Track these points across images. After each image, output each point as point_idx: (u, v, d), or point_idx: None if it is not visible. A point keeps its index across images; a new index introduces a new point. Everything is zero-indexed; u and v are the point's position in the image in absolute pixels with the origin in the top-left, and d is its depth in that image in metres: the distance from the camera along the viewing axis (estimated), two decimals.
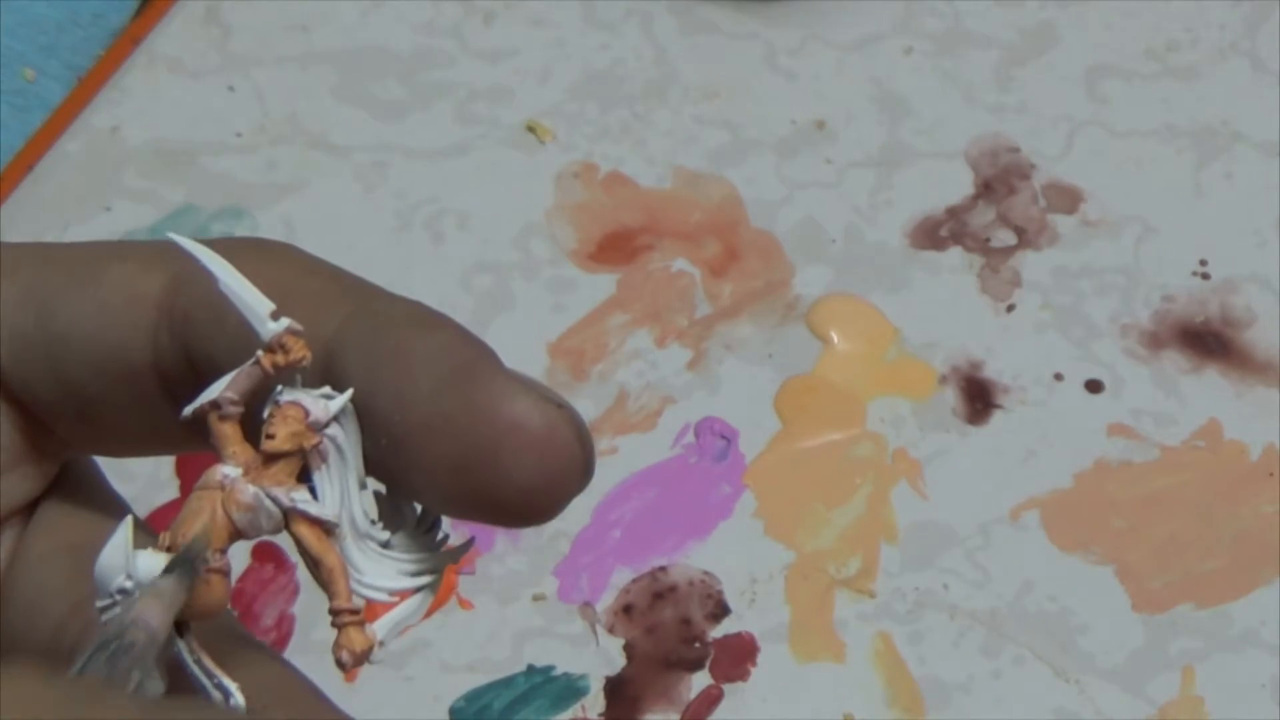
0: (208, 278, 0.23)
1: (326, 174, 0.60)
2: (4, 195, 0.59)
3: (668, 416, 0.56)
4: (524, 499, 0.23)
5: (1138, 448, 0.55)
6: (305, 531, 0.23)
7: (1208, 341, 0.57)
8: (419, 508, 0.24)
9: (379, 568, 0.23)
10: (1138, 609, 0.53)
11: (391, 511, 0.24)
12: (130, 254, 0.26)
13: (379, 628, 0.23)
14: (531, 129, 0.61)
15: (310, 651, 0.51)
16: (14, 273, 0.25)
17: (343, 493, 0.23)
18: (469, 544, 0.25)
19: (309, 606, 0.52)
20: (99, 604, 0.22)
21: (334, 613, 0.23)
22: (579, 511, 0.54)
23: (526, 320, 0.57)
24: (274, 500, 0.23)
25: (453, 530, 0.25)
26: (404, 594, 0.24)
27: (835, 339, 0.57)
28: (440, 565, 0.24)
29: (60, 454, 0.27)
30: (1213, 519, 0.54)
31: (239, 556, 0.52)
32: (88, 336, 0.25)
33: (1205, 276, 0.58)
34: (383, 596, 0.23)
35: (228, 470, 0.23)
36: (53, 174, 0.60)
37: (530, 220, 0.59)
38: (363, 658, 0.23)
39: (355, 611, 0.23)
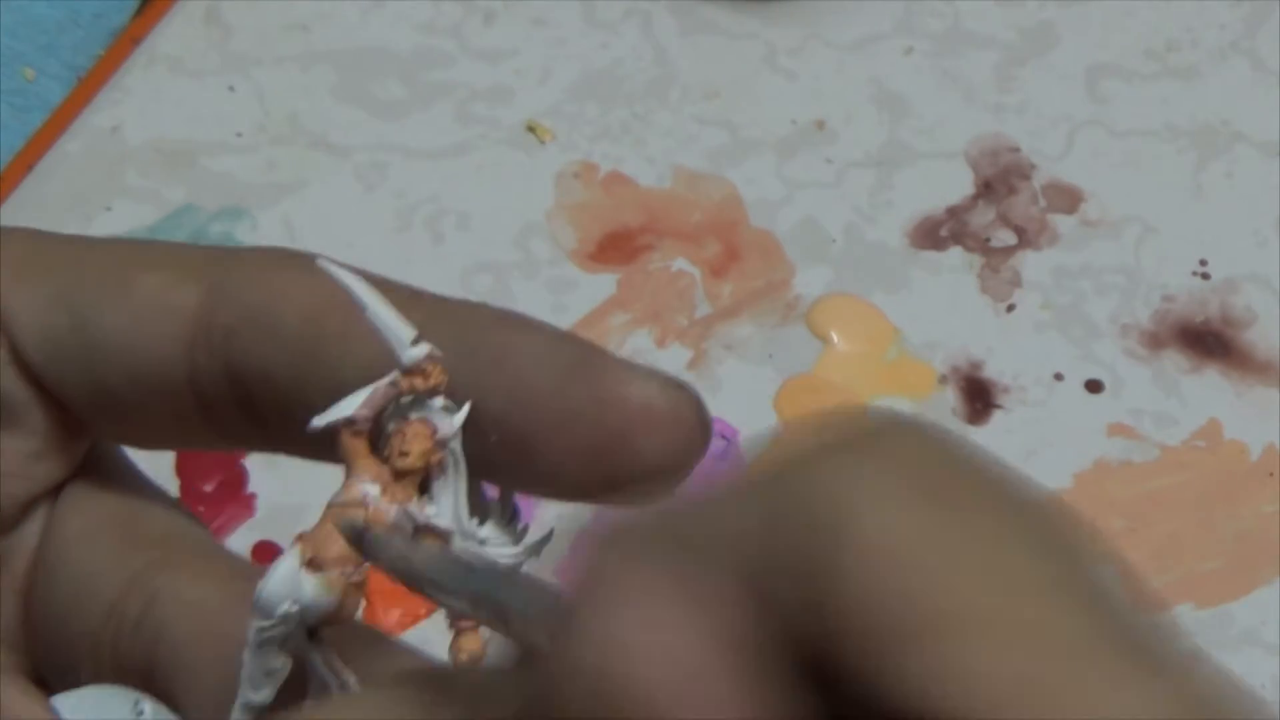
0: (351, 301, 0.24)
1: (326, 174, 0.60)
2: (4, 195, 0.59)
3: None
4: (656, 476, 0.24)
5: (1138, 448, 0.55)
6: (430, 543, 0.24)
7: (1208, 341, 0.57)
8: (495, 496, 0.25)
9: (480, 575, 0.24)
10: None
11: (476, 503, 0.24)
12: (163, 261, 0.26)
13: (483, 631, 0.24)
14: (531, 129, 0.61)
15: None
16: (47, 272, 0.26)
17: (456, 499, 0.24)
18: (549, 536, 0.26)
19: None
20: (260, 624, 0.23)
21: (453, 618, 0.24)
22: (579, 512, 0.54)
23: None
24: (411, 517, 0.24)
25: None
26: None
27: (835, 339, 0.57)
28: (528, 557, 0.25)
29: (89, 439, 0.27)
30: (1213, 519, 0.54)
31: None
32: (121, 347, 0.25)
33: (1205, 276, 0.58)
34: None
35: (367, 488, 0.23)
36: (53, 174, 0.60)
37: (530, 220, 0.59)
38: (479, 659, 0.24)
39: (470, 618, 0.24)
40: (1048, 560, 0.18)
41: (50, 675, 0.26)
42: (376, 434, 0.24)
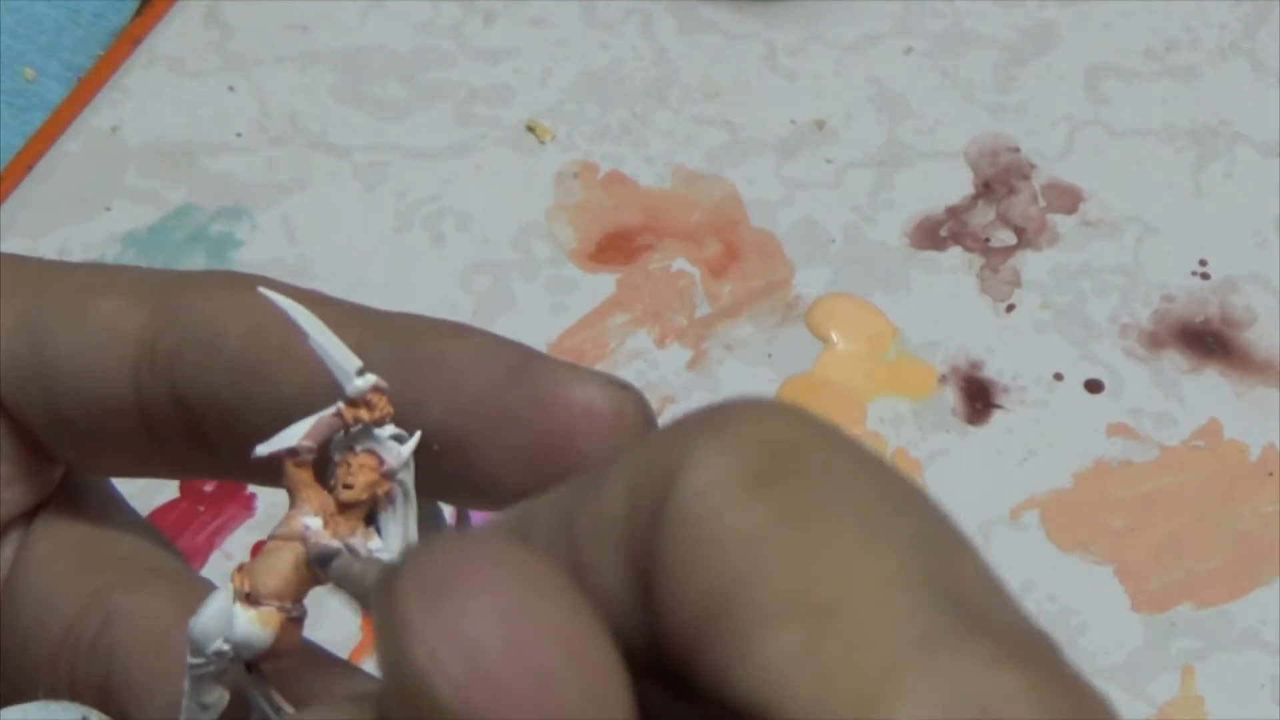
0: (296, 331, 0.23)
1: (326, 174, 0.60)
2: (4, 195, 0.59)
3: (668, 417, 0.56)
4: None
5: (1138, 448, 0.55)
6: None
7: (1207, 341, 0.57)
8: (449, 517, 0.25)
9: None
10: (1137, 609, 0.53)
11: (428, 531, 0.24)
12: (120, 285, 0.26)
13: None
14: (531, 129, 0.61)
15: None
16: (11, 296, 0.26)
17: (404, 529, 0.23)
18: None
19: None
20: (192, 662, 0.23)
21: None
22: None
23: (526, 320, 0.57)
24: (352, 551, 0.23)
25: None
26: None
27: (835, 339, 0.57)
28: None
29: (60, 466, 0.27)
30: (1212, 519, 0.54)
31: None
32: (75, 371, 0.25)
33: (1205, 276, 0.58)
34: None
35: (308, 521, 0.23)
36: (53, 174, 0.60)
37: (530, 220, 0.59)
38: None
39: None
40: (882, 545, 0.18)
41: (13, 699, 0.26)
42: (323, 463, 0.23)
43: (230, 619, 0.22)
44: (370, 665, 0.24)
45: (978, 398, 0.56)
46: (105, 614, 0.25)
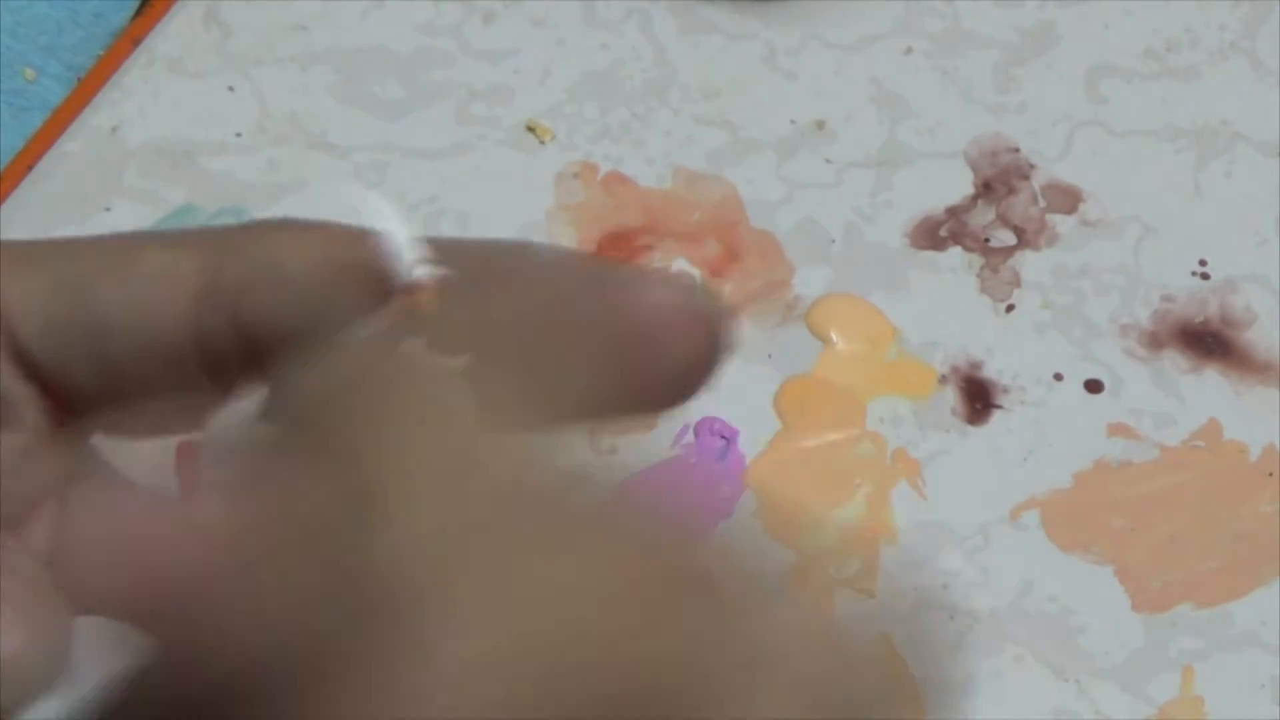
0: (368, 215, 0.25)
1: (326, 174, 0.60)
2: (4, 195, 0.59)
3: (667, 416, 0.56)
4: (682, 376, 0.25)
5: (1137, 448, 0.55)
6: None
7: (1207, 341, 0.57)
8: None
9: None
10: (1137, 609, 0.53)
11: None
12: (166, 239, 0.27)
13: None
14: (531, 129, 0.61)
15: None
16: (44, 262, 0.26)
17: None
18: None
19: None
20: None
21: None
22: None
23: None
24: None
25: None
26: None
27: (835, 339, 0.57)
28: None
29: (87, 434, 0.27)
30: (1212, 519, 0.54)
31: None
32: (127, 320, 0.26)
33: (1205, 276, 0.58)
34: None
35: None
36: (53, 174, 0.60)
37: (530, 220, 0.59)
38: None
39: None
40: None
41: None
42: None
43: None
44: None
45: (978, 398, 0.56)
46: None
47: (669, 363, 0.24)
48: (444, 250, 0.25)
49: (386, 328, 0.24)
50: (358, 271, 0.25)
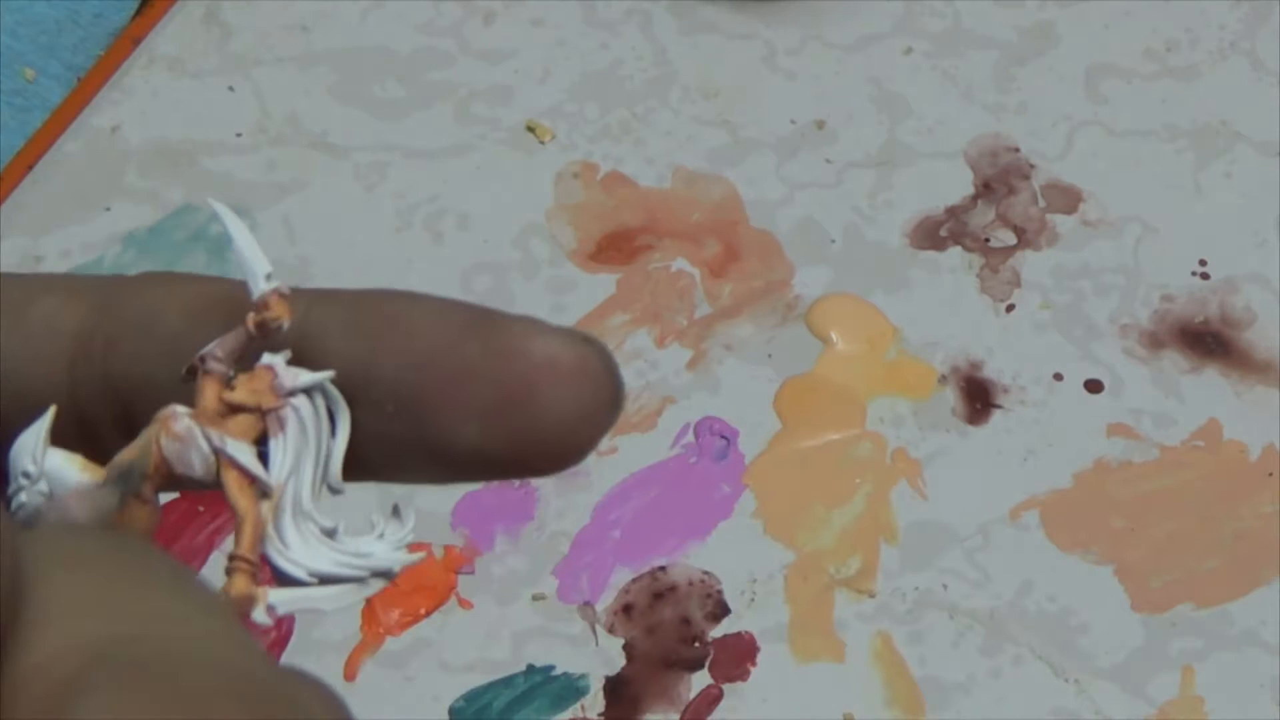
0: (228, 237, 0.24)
1: (326, 174, 0.60)
2: (4, 195, 0.59)
3: (667, 416, 0.56)
4: (563, 436, 0.23)
5: (1137, 448, 0.55)
6: (231, 479, 0.23)
7: (1207, 341, 0.57)
8: (380, 526, 0.24)
9: (309, 549, 0.23)
10: (1137, 608, 0.53)
11: (324, 476, 0.24)
12: (61, 286, 0.26)
13: (278, 595, 0.23)
14: (531, 129, 0.61)
15: (310, 651, 0.51)
16: None
17: (295, 466, 0.23)
18: (412, 559, 0.25)
19: None
20: (10, 488, 0.23)
21: (230, 557, 0.23)
22: (579, 511, 0.54)
23: None
24: (207, 438, 0.23)
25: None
26: (325, 581, 0.23)
27: (835, 339, 0.57)
28: (376, 569, 0.24)
29: None
30: (1212, 519, 0.54)
31: None
32: (13, 371, 0.25)
33: (1205, 276, 0.58)
34: (300, 574, 0.23)
35: (178, 407, 0.23)
36: (53, 174, 0.60)
37: (530, 220, 0.59)
38: (241, 606, 0.22)
39: (250, 561, 0.23)
40: None
41: None
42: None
43: (41, 442, 0.23)
44: (367, 661, 0.24)
45: (978, 398, 0.56)
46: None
47: (551, 417, 0.22)
48: (320, 298, 0.24)
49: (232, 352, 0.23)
50: (232, 326, 0.23)
